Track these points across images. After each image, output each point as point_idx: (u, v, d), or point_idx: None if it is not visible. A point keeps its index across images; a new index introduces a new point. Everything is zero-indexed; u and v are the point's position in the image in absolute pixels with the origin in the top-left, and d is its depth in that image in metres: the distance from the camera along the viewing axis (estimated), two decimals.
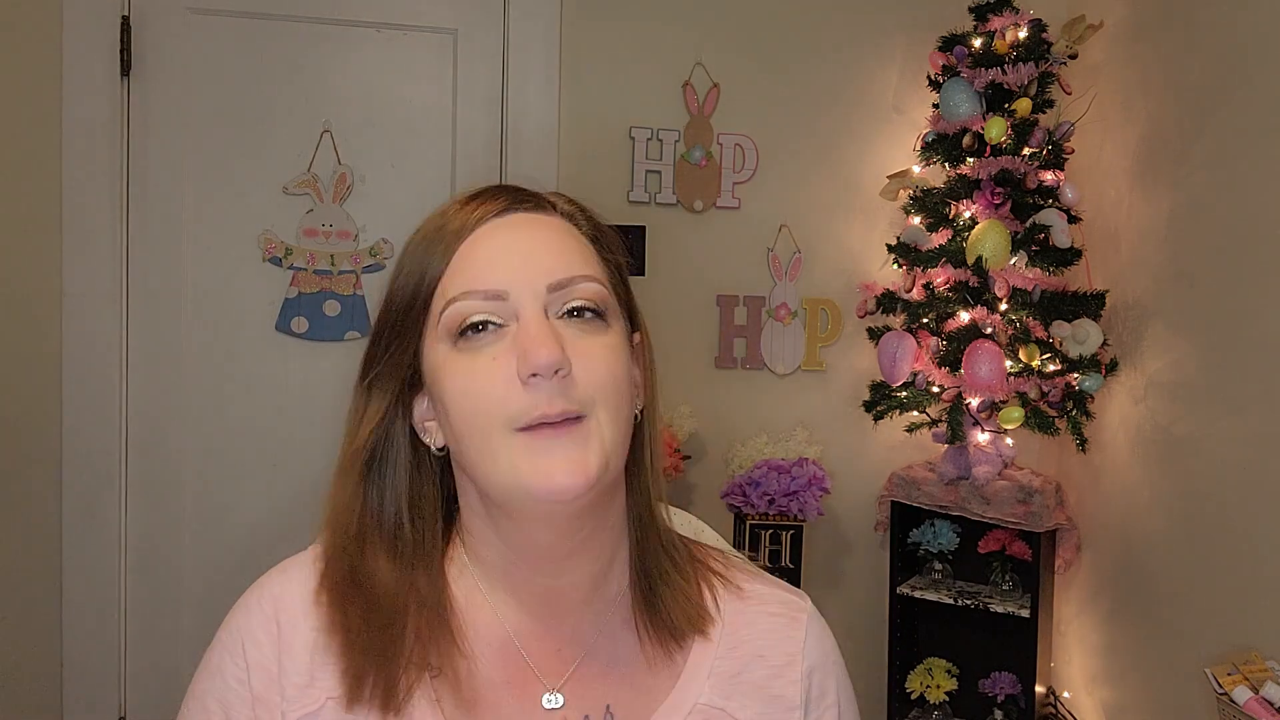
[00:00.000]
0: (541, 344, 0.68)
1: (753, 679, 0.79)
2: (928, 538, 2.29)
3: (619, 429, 0.72)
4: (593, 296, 0.73)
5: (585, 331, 0.72)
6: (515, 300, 0.71)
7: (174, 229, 2.12)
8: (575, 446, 0.69)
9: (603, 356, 0.72)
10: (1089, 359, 2.02)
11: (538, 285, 0.71)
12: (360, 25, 2.19)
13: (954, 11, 2.26)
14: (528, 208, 0.76)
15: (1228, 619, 1.75)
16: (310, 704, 0.73)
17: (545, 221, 0.76)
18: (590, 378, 0.70)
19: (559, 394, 0.69)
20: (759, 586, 0.84)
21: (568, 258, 0.73)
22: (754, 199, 2.35)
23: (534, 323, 0.70)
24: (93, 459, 2.09)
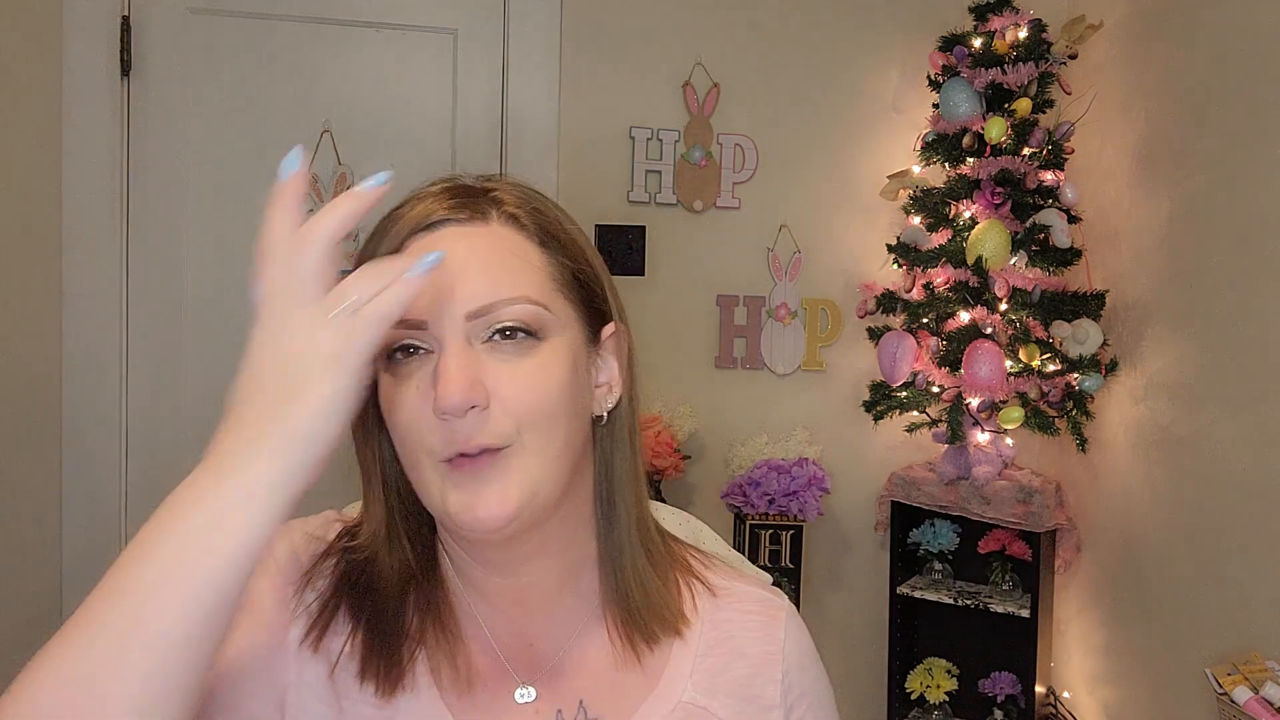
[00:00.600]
0: (450, 385, 0.66)
1: (733, 677, 0.79)
2: (928, 538, 2.29)
3: (551, 453, 0.70)
4: (520, 318, 0.69)
5: (513, 354, 0.69)
6: (435, 329, 0.68)
7: (174, 229, 2.12)
8: (495, 481, 0.68)
9: (530, 381, 0.69)
10: (1089, 359, 2.02)
11: (455, 314, 0.68)
12: (360, 25, 2.19)
13: (954, 11, 2.26)
14: (461, 219, 0.71)
15: (1228, 619, 1.75)
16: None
17: (476, 236, 0.71)
18: (513, 406, 0.68)
19: (476, 430, 0.67)
20: (737, 585, 0.84)
21: (493, 280, 0.69)
22: (754, 199, 2.35)
23: (449, 357, 0.67)
24: (93, 459, 2.09)
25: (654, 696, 0.77)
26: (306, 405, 0.60)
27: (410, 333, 0.68)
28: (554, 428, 0.70)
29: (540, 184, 0.80)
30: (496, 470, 0.68)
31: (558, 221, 0.75)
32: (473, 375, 0.67)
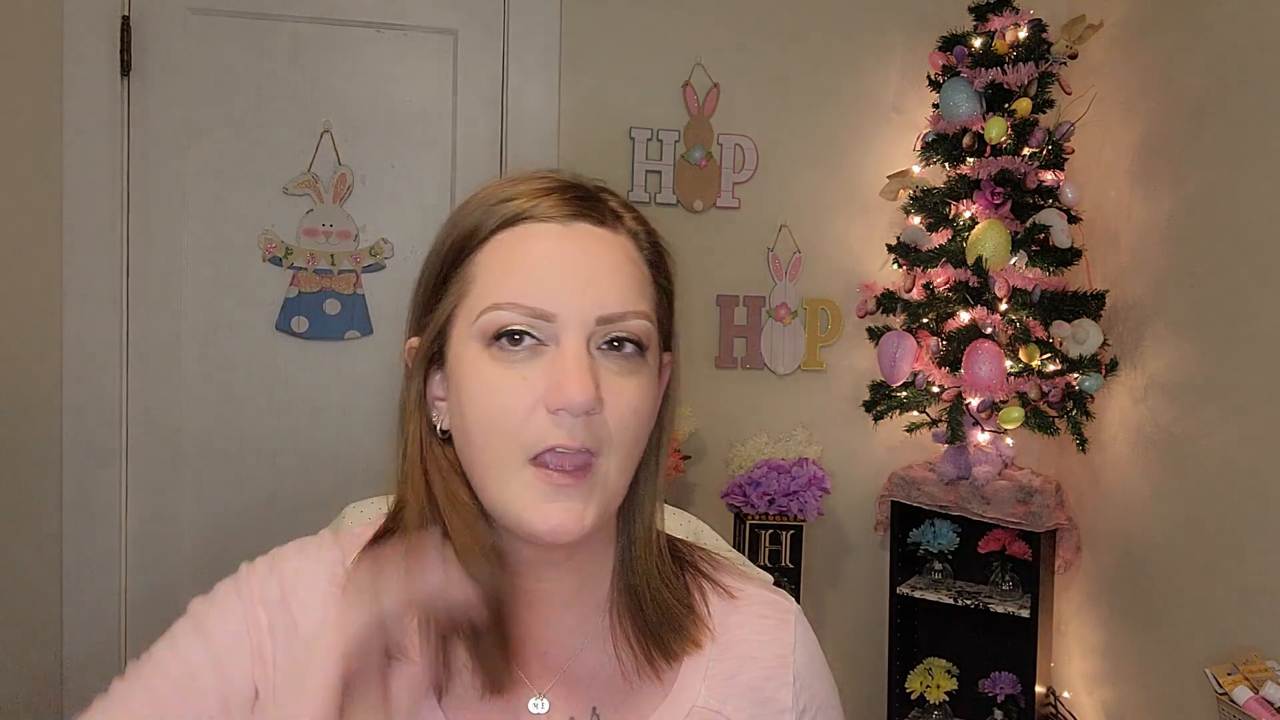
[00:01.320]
0: (578, 382, 0.66)
1: (746, 681, 0.79)
2: (928, 538, 2.29)
3: (625, 475, 0.71)
4: (640, 333, 0.70)
5: (623, 370, 0.69)
6: (561, 324, 0.68)
7: (174, 229, 2.12)
8: (578, 498, 0.68)
9: (634, 399, 0.70)
10: (1089, 359, 2.02)
11: (588, 315, 0.68)
12: (360, 25, 2.19)
13: (954, 11, 2.26)
14: (594, 220, 0.71)
15: (1228, 619, 1.75)
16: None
17: (609, 241, 0.71)
18: (616, 419, 0.69)
19: (581, 430, 0.67)
20: (747, 588, 0.83)
21: (624, 288, 0.70)
22: (754, 199, 2.35)
23: (574, 356, 0.67)
24: (93, 459, 2.09)
25: (667, 703, 0.76)
26: None
27: (535, 321, 0.68)
28: (637, 445, 0.71)
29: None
30: (583, 488, 0.68)
31: (664, 247, 0.76)
32: (596, 378, 0.68)
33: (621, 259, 0.71)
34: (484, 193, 0.73)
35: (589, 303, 0.68)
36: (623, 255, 0.71)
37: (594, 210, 0.71)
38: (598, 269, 0.69)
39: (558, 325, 0.68)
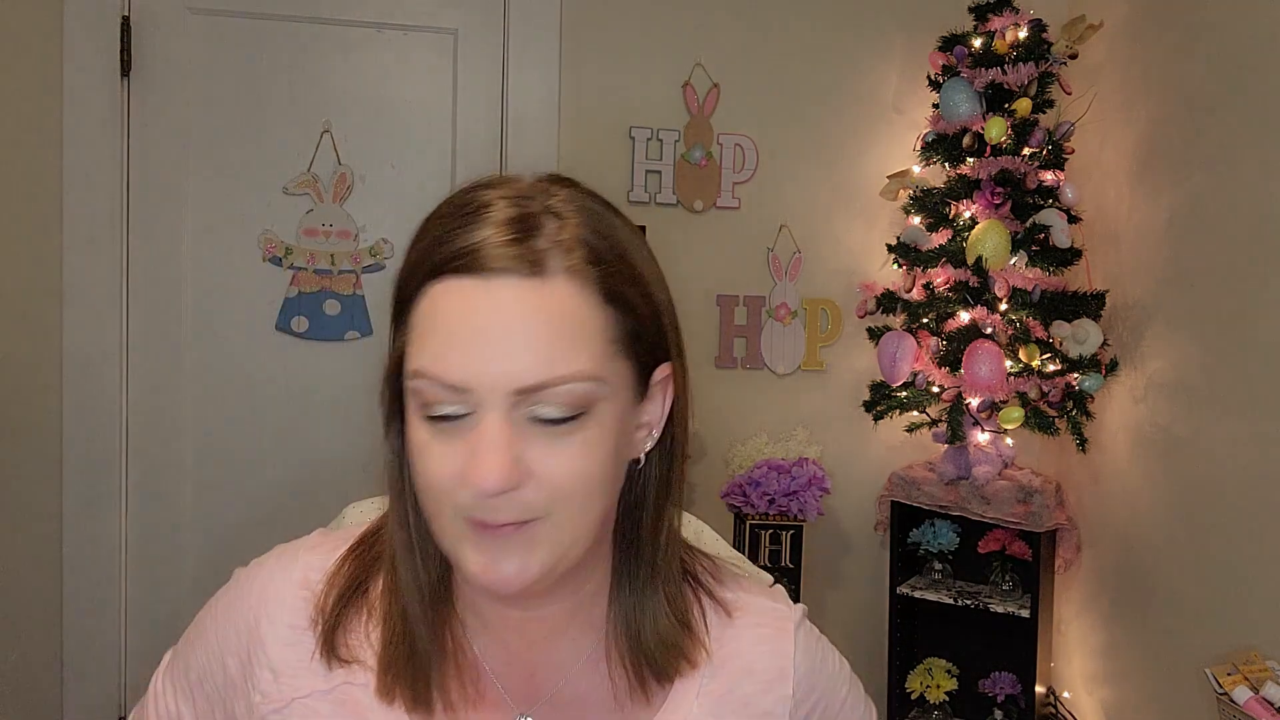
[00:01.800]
0: (488, 468, 0.62)
1: (741, 695, 0.77)
2: (928, 538, 2.29)
3: (583, 524, 0.66)
4: (572, 401, 0.63)
5: (558, 434, 0.64)
6: (477, 398, 0.63)
7: (174, 229, 2.12)
8: (519, 551, 0.65)
9: (570, 461, 0.64)
10: (1089, 359, 2.02)
11: (503, 388, 0.62)
12: (360, 25, 2.19)
13: (954, 11, 2.26)
14: (522, 270, 0.63)
15: (1228, 619, 1.75)
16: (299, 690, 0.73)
17: (534, 296, 0.63)
18: (549, 484, 0.64)
19: (505, 506, 0.64)
20: (746, 597, 0.81)
21: (548, 352, 0.62)
22: (754, 199, 2.35)
23: (488, 436, 0.62)
24: (93, 459, 2.09)
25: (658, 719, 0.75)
26: None
27: (452, 394, 0.63)
28: (590, 501, 0.66)
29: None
30: (520, 540, 0.65)
31: (625, 261, 0.67)
32: (513, 455, 0.63)
33: (550, 315, 0.63)
34: (440, 212, 0.68)
35: (504, 375, 0.62)
36: (551, 311, 0.63)
37: (524, 256, 0.63)
38: (517, 334, 0.62)
39: (475, 397, 0.63)
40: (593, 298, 0.65)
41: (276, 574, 0.76)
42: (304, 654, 0.73)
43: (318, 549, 0.78)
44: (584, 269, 0.64)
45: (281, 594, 0.75)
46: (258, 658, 0.74)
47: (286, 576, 0.75)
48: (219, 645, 0.76)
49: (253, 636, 0.74)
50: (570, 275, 0.64)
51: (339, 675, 0.73)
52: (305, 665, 0.73)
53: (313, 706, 0.72)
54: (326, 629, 0.73)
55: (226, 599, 0.78)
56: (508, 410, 0.63)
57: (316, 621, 0.74)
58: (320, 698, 0.73)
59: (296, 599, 0.74)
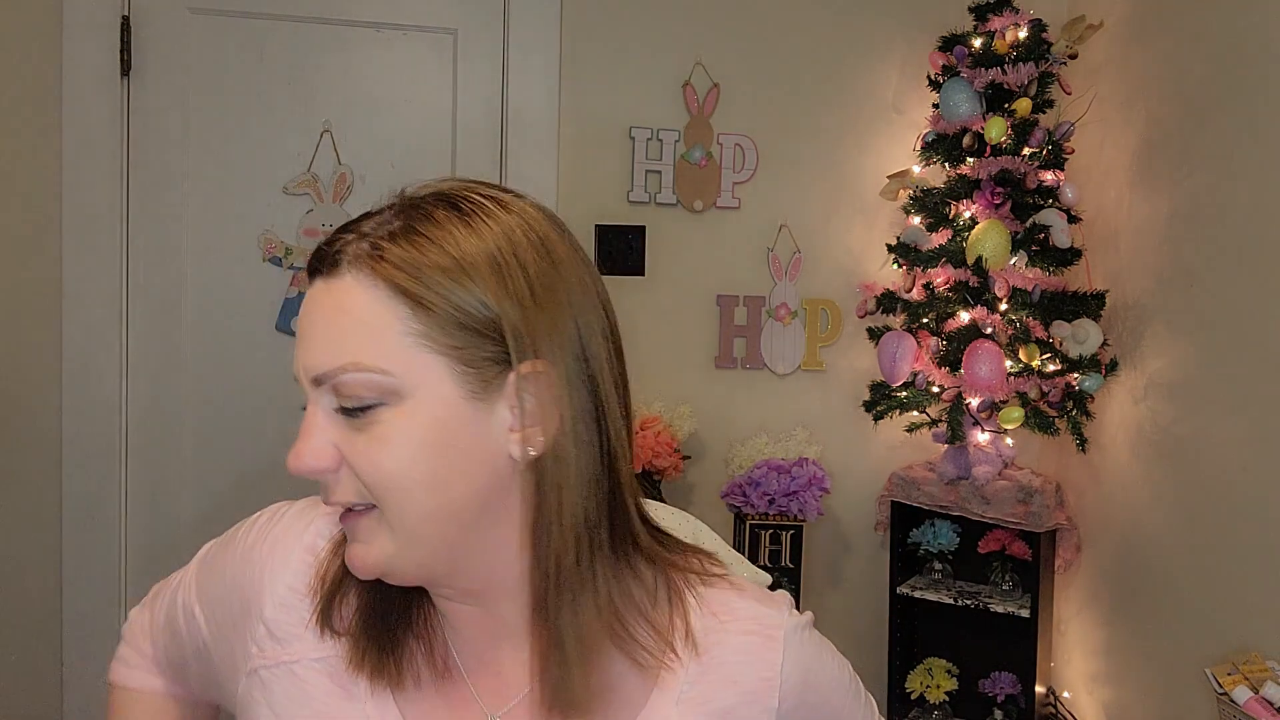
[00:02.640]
0: (295, 450, 0.68)
1: (722, 705, 0.75)
2: (928, 538, 2.29)
3: (410, 519, 0.67)
4: (356, 389, 0.65)
5: (360, 426, 0.66)
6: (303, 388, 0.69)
7: (174, 229, 2.12)
8: (358, 540, 0.69)
9: (369, 454, 0.66)
10: (1089, 359, 2.02)
11: (305, 378, 0.68)
12: (360, 25, 2.19)
13: (954, 11, 2.26)
14: (325, 272, 0.68)
15: (1228, 619, 1.75)
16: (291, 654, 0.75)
17: (330, 292, 0.67)
18: (360, 474, 0.67)
19: (333, 489, 0.68)
20: (736, 601, 0.78)
21: (331, 343, 0.66)
22: (754, 199, 2.35)
23: (306, 419, 0.68)
24: (93, 459, 2.09)
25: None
26: None
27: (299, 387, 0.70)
28: (408, 496, 0.66)
29: (540, 184, 0.76)
30: (359, 529, 0.69)
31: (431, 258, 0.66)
32: (322, 440, 0.67)
33: (336, 309, 0.66)
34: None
35: (305, 366, 0.68)
36: (338, 304, 0.66)
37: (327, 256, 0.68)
38: (313, 327, 0.67)
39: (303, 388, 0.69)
40: (377, 291, 0.66)
41: (291, 530, 0.79)
42: (297, 619, 0.75)
43: (331, 514, 0.78)
44: (370, 265, 0.66)
45: (289, 553, 0.77)
46: (256, 609, 0.76)
47: (298, 538, 0.78)
48: (234, 575, 0.79)
49: (256, 586, 0.77)
50: (356, 270, 0.66)
51: (329, 646, 0.75)
52: (297, 631, 0.75)
53: (300, 673, 0.74)
54: (325, 597, 0.75)
55: (256, 532, 0.81)
56: (319, 399, 0.68)
57: (316, 590, 0.76)
58: (309, 665, 0.74)
59: (301, 562, 0.77)
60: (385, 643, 0.73)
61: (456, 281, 0.66)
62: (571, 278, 0.70)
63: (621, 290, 2.29)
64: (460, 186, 0.71)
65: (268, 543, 0.79)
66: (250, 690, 0.76)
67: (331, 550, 0.77)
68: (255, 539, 0.80)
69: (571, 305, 0.69)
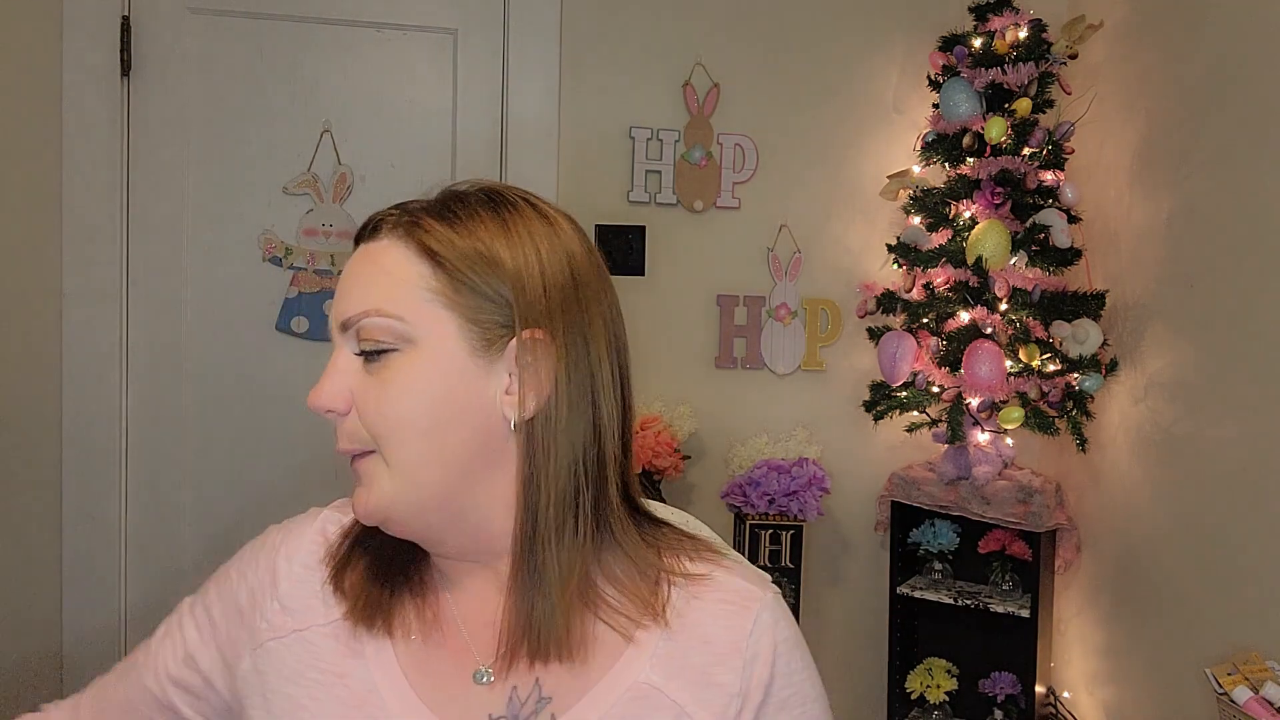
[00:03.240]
0: (315, 389, 0.75)
1: (694, 663, 0.78)
2: (928, 538, 2.29)
3: (408, 463, 0.74)
4: (375, 333, 0.74)
5: (374, 371, 0.74)
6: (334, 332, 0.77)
7: (174, 229, 2.12)
8: (360, 485, 0.76)
9: (379, 394, 0.74)
10: (1089, 359, 2.02)
11: (335, 321, 0.76)
12: (360, 25, 2.19)
13: (954, 11, 2.26)
14: (367, 235, 0.78)
15: (1228, 619, 1.75)
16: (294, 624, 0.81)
17: (368, 251, 0.77)
18: (365, 418, 0.74)
19: (341, 434, 0.76)
20: (719, 573, 0.83)
21: (360, 292, 0.75)
22: (754, 199, 2.35)
23: (329, 363, 0.76)
24: (93, 459, 2.09)
25: (610, 675, 0.77)
26: None
27: (334, 335, 0.77)
28: (408, 440, 0.73)
29: (540, 184, 0.81)
30: (362, 474, 0.76)
31: (455, 228, 0.75)
32: (341, 384, 0.75)
33: (371, 263, 0.76)
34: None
35: (337, 311, 0.76)
36: (371, 262, 0.76)
37: (370, 225, 0.78)
38: (349, 280, 0.77)
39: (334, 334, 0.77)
40: (408, 251, 0.75)
41: (301, 524, 0.87)
42: (309, 591, 0.82)
43: (340, 508, 0.88)
44: (404, 229, 0.76)
45: (301, 540, 0.85)
46: (270, 591, 0.82)
47: (309, 526, 0.86)
48: (239, 579, 0.85)
49: (270, 573, 0.83)
50: (392, 234, 0.76)
51: (337, 610, 0.80)
52: (309, 602, 0.81)
53: (309, 639, 0.80)
54: (338, 564, 0.82)
55: (254, 545, 0.88)
56: (344, 344, 0.76)
57: (327, 562, 0.83)
58: (317, 631, 0.80)
59: (313, 544, 0.84)
60: (381, 596, 0.79)
61: (479, 259, 0.74)
62: (587, 290, 0.78)
63: (621, 290, 2.27)
64: (503, 187, 0.80)
65: (280, 533, 0.86)
66: (256, 664, 0.81)
67: (342, 534, 0.84)
68: (259, 547, 0.87)
69: (580, 308, 0.77)
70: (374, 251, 0.76)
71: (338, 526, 0.86)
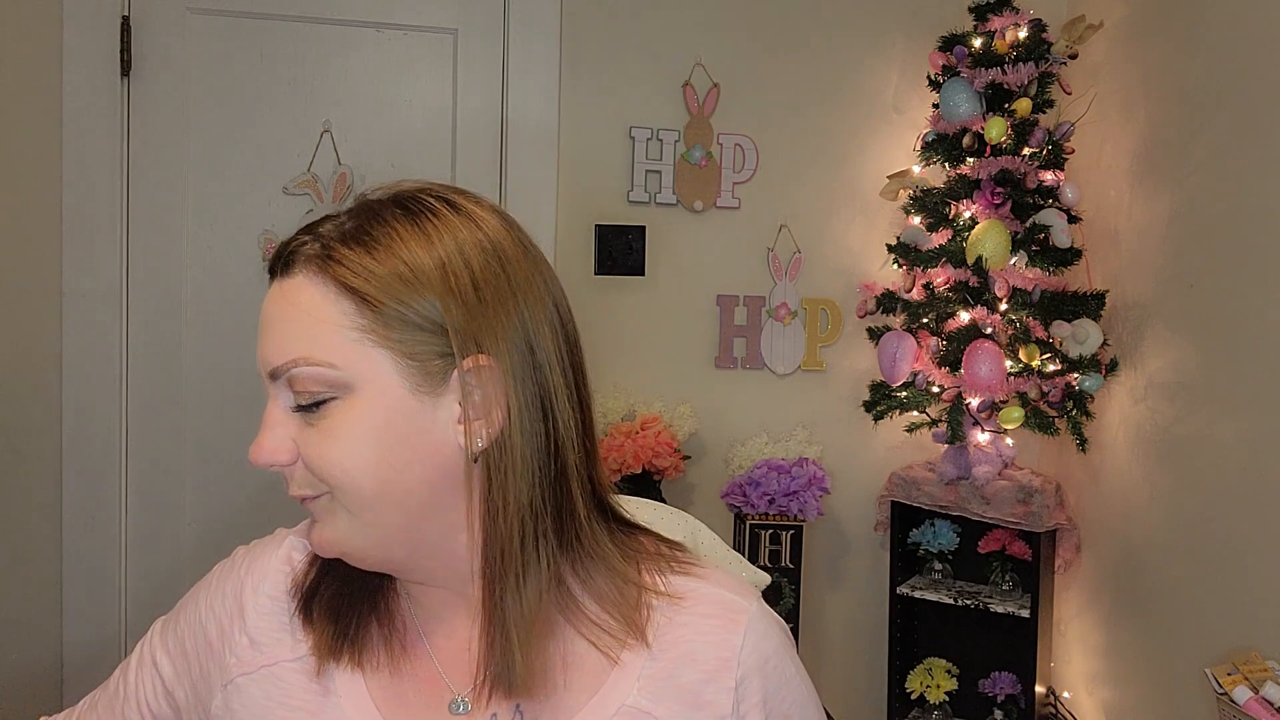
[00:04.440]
0: (255, 444, 0.71)
1: (682, 683, 0.75)
2: (928, 538, 2.29)
3: (360, 507, 0.70)
4: (307, 384, 0.69)
5: (311, 420, 0.70)
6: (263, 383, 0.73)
7: (174, 229, 2.12)
8: (322, 519, 0.73)
9: (319, 447, 0.70)
10: (1089, 359, 2.02)
11: (263, 372, 0.72)
12: (360, 25, 2.19)
13: (954, 11, 2.26)
14: (280, 271, 0.72)
15: (1228, 619, 1.75)
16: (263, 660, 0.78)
17: (285, 290, 0.71)
18: (317, 469, 0.70)
19: (292, 482, 0.72)
20: (703, 587, 0.79)
21: (282, 338, 0.70)
22: (754, 199, 2.35)
23: (266, 415, 0.72)
24: (93, 459, 2.09)
25: (595, 700, 0.74)
26: None
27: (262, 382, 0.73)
28: (356, 486, 0.69)
29: (540, 184, 0.78)
30: (317, 510, 0.73)
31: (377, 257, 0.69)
32: (282, 435, 0.71)
33: (289, 306, 0.70)
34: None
35: (263, 360, 0.71)
36: (289, 302, 0.70)
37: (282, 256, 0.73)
38: (270, 324, 0.71)
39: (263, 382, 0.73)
40: (327, 289, 0.69)
41: (266, 550, 0.84)
42: (278, 624, 0.79)
43: (305, 533, 0.84)
44: (318, 264, 0.70)
45: (266, 568, 0.82)
46: (238, 624, 0.80)
47: (274, 552, 0.83)
48: (207, 610, 0.82)
49: (237, 604, 0.81)
50: (307, 270, 0.70)
51: (305, 645, 0.78)
52: (278, 635, 0.79)
53: (278, 674, 0.78)
54: (305, 594, 0.79)
55: (221, 570, 0.84)
56: (277, 394, 0.71)
57: (294, 592, 0.80)
58: (286, 666, 0.78)
59: (279, 573, 0.81)
60: (347, 625, 0.77)
61: (403, 282, 0.69)
62: (519, 275, 0.73)
63: (621, 290, 2.29)
64: (415, 189, 0.74)
65: (243, 568, 0.83)
66: (228, 701, 0.78)
67: (308, 562, 0.81)
68: (226, 573, 0.84)
69: (517, 301, 0.72)
70: (290, 290, 0.70)
71: (304, 553, 0.82)
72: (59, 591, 2.08)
